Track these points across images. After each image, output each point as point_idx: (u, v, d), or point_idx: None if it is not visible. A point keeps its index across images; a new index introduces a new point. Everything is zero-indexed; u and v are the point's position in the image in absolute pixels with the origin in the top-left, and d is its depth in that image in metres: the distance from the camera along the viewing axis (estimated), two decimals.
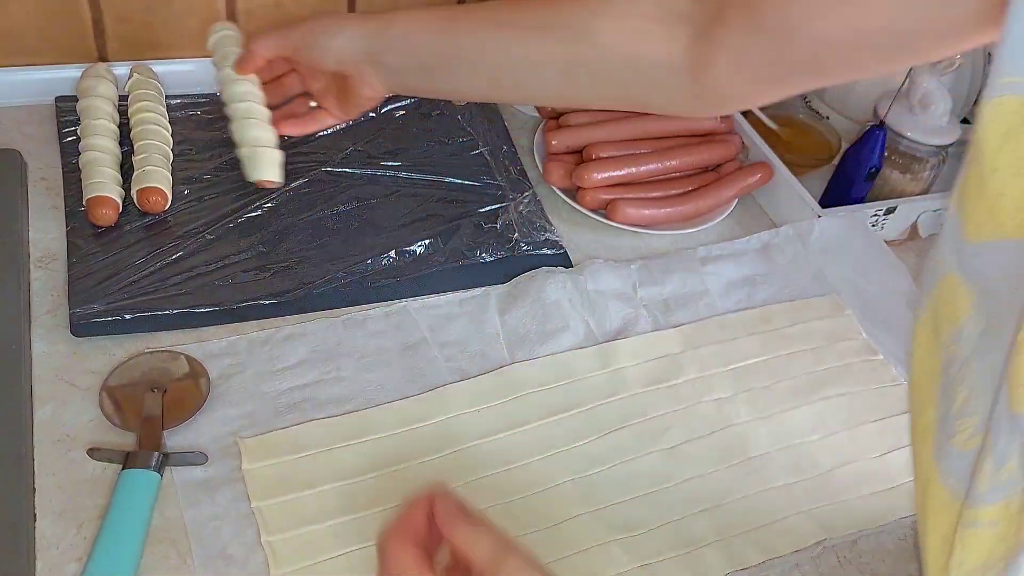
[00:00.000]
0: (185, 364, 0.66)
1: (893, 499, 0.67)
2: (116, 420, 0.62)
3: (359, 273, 0.74)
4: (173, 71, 0.86)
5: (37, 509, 0.58)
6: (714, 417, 0.69)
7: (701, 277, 0.80)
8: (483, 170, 0.86)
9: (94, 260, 0.71)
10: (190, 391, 0.65)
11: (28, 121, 0.82)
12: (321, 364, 0.68)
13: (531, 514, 0.62)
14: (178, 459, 0.61)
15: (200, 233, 0.75)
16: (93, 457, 0.59)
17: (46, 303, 0.69)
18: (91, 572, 0.54)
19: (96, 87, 0.80)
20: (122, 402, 0.63)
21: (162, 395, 0.63)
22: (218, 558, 0.57)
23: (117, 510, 0.57)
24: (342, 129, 0.87)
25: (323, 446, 0.63)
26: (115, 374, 0.64)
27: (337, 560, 0.58)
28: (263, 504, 0.60)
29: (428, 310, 0.74)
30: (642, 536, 0.62)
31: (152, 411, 0.62)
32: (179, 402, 0.64)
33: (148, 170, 0.75)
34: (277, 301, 0.71)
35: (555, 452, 0.66)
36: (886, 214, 0.87)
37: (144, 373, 0.65)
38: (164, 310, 0.68)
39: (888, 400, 0.73)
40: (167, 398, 0.63)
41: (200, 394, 0.64)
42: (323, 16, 0.67)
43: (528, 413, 0.68)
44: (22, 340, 0.65)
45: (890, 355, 0.77)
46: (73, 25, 0.83)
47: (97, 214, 0.72)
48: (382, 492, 0.62)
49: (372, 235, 0.78)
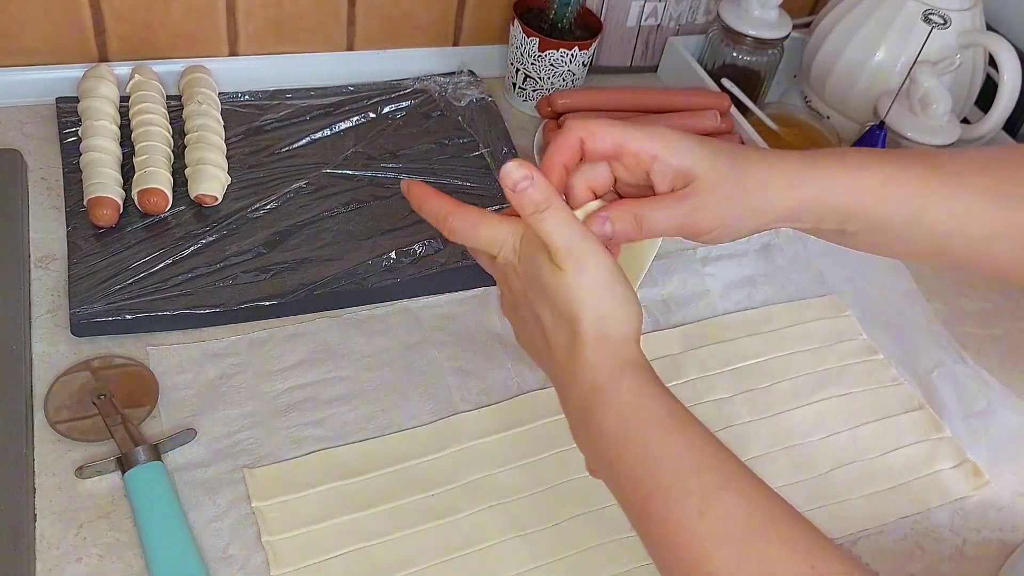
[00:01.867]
0: (111, 362, 0.66)
1: (894, 499, 0.67)
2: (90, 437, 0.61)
3: (359, 274, 0.74)
4: (174, 72, 0.86)
5: (37, 509, 0.58)
6: (714, 417, 0.69)
7: (701, 277, 0.80)
8: (483, 171, 0.86)
9: (94, 260, 0.71)
10: (136, 381, 0.64)
11: (29, 121, 0.82)
12: (322, 364, 0.68)
13: (532, 514, 0.62)
14: (169, 443, 0.61)
15: (201, 234, 0.75)
16: (83, 476, 0.59)
17: (46, 303, 0.69)
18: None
19: (97, 88, 0.80)
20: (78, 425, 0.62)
21: (111, 398, 0.63)
22: (219, 558, 0.57)
23: (145, 512, 0.57)
24: (341, 131, 0.87)
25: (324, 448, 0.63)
26: (51, 410, 0.62)
27: (337, 560, 0.58)
28: (263, 504, 0.60)
29: (428, 310, 0.74)
30: None
31: (112, 413, 0.62)
32: (133, 395, 0.63)
33: (149, 171, 0.75)
34: (278, 302, 0.71)
35: (555, 452, 0.66)
36: None
37: (76, 391, 0.64)
38: (165, 311, 0.68)
39: (888, 400, 0.73)
40: (120, 399, 0.63)
41: (149, 378, 0.65)
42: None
43: (529, 413, 0.68)
44: (22, 340, 0.65)
45: (890, 356, 0.77)
46: (73, 25, 0.83)
47: (98, 215, 0.72)
48: (382, 492, 0.62)
49: (372, 236, 0.78)
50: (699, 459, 0.46)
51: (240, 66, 0.90)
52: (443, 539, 0.60)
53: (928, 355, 0.78)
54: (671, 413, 0.48)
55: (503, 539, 0.61)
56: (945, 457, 0.70)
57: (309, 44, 0.92)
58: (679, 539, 0.44)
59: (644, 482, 0.46)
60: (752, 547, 0.43)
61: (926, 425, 0.72)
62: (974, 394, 0.75)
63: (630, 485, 0.47)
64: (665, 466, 0.46)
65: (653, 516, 0.45)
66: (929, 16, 0.83)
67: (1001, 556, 0.65)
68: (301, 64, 0.92)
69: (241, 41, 0.90)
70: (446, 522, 0.61)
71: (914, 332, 0.79)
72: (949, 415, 0.73)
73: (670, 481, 0.45)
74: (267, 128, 0.85)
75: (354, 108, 0.89)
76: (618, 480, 0.48)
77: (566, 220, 0.49)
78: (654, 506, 0.45)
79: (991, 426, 0.73)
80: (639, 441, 0.47)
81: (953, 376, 0.76)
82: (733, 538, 0.43)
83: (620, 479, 0.47)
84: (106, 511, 0.58)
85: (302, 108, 0.88)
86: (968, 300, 0.84)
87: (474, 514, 0.61)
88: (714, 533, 0.43)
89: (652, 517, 0.45)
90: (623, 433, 0.47)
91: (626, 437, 0.47)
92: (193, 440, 0.62)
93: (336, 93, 0.91)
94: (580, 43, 0.90)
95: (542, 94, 0.93)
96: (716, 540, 0.43)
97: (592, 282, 0.48)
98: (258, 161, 0.82)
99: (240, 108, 0.86)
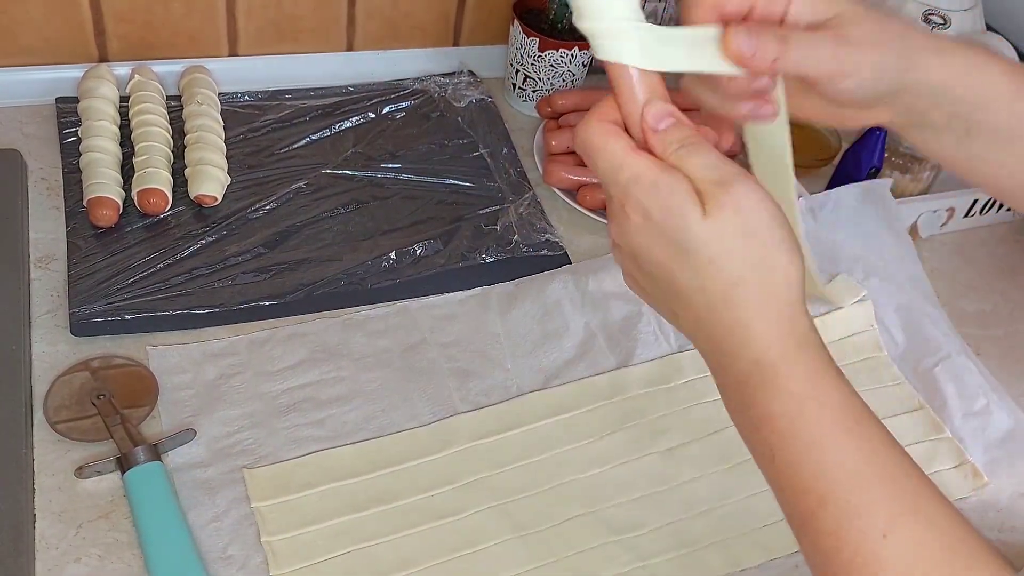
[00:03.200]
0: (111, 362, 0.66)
1: None
2: (89, 437, 0.61)
3: (359, 274, 0.74)
4: (174, 72, 0.86)
5: (37, 510, 0.58)
6: (714, 418, 0.69)
7: None
8: (483, 172, 0.86)
9: (94, 261, 0.71)
10: (135, 381, 0.64)
11: (29, 121, 0.82)
12: (321, 364, 0.68)
13: (531, 514, 0.62)
14: (169, 443, 0.61)
15: (200, 234, 0.75)
16: (83, 476, 0.59)
17: (46, 303, 0.69)
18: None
19: (97, 88, 0.80)
20: (78, 426, 0.62)
21: (110, 398, 0.63)
22: (218, 559, 0.57)
23: (145, 512, 0.57)
24: (341, 131, 0.87)
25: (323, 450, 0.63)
26: (50, 410, 0.62)
27: (336, 560, 0.58)
28: (263, 505, 0.60)
29: (428, 310, 0.74)
30: (642, 537, 0.62)
31: (111, 413, 0.62)
32: (133, 395, 0.63)
33: (149, 171, 0.75)
34: (277, 302, 0.71)
35: (555, 452, 0.66)
36: None
37: (76, 391, 0.64)
38: (164, 311, 0.69)
39: (890, 401, 0.73)
40: (119, 399, 0.63)
41: (148, 378, 0.64)
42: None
43: (528, 414, 0.68)
44: (22, 340, 0.65)
45: (893, 354, 0.77)
46: (73, 25, 0.83)
47: (97, 215, 0.72)
48: (382, 492, 0.62)
49: (372, 236, 0.78)
50: (883, 472, 0.41)
51: (240, 66, 0.90)
52: (442, 540, 0.60)
53: (934, 345, 0.77)
54: (851, 410, 0.42)
55: (502, 540, 0.61)
56: (945, 458, 0.70)
57: (309, 44, 0.92)
58: (855, 559, 0.40)
59: (815, 489, 0.41)
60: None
61: (926, 425, 0.72)
62: (975, 392, 0.75)
63: (796, 488, 0.42)
64: (843, 476, 0.40)
65: (823, 529, 0.41)
66: (929, 16, 0.83)
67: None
68: (301, 64, 0.92)
69: (241, 41, 0.90)
70: (445, 523, 0.61)
71: (922, 318, 0.79)
72: (949, 413, 0.73)
73: (847, 495, 0.40)
74: (267, 128, 0.85)
75: (354, 108, 0.89)
76: (779, 478, 0.42)
77: (714, 155, 0.43)
78: (826, 518, 0.40)
79: (989, 427, 0.73)
80: (813, 442, 0.41)
81: (956, 371, 0.75)
82: (919, 567, 0.39)
83: (783, 478, 0.42)
84: (105, 511, 0.58)
85: (302, 108, 0.88)
86: (968, 301, 0.84)
87: (473, 515, 0.61)
88: (899, 558, 0.39)
89: (822, 530, 0.41)
90: (793, 428, 0.41)
91: (796, 434, 0.41)
92: (192, 440, 0.62)
93: (336, 93, 0.91)
94: (580, 43, 0.90)
95: (542, 94, 0.93)
96: (902, 567, 0.39)
97: (747, 225, 0.41)
98: (258, 161, 0.82)
99: (240, 108, 0.86)
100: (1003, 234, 0.92)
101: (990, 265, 0.88)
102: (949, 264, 0.88)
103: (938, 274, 0.85)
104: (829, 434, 0.41)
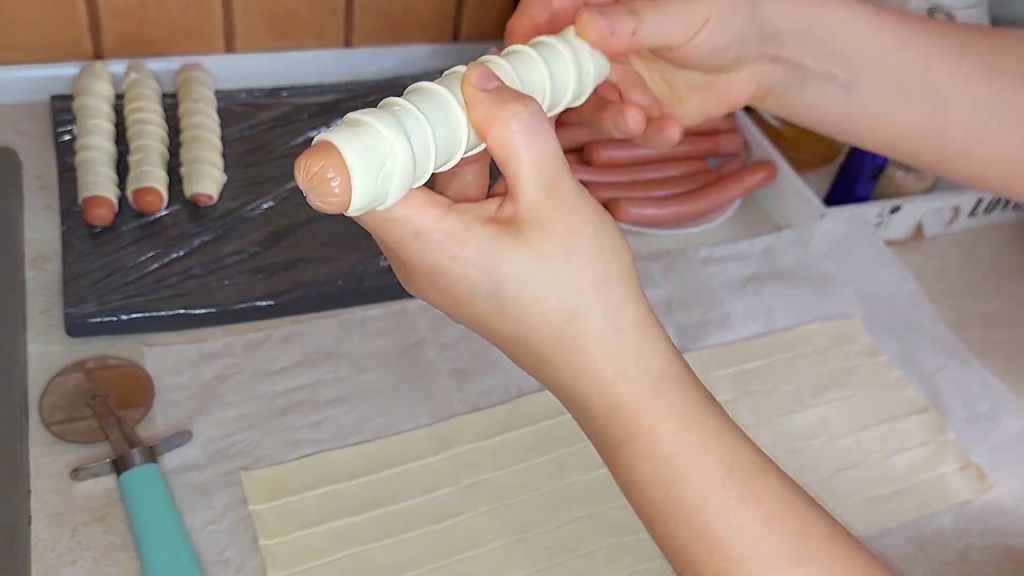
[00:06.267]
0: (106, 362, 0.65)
1: (897, 503, 0.66)
2: (84, 438, 0.61)
3: (357, 274, 0.74)
4: (170, 69, 0.86)
5: (32, 512, 0.57)
6: None
7: (702, 278, 0.80)
8: None
9: (89, 260, 0.70)
10: (131, 382, 0.64)
11: (23, 119, 0.82)
12: (318, 365, 0.68)
13: (531, 517, 0.61)
14: (165, 445, 0.60)
15: (196, 234, 0.74)
16: (78, 478, 0.58)
17: (41, 303, 0.68)
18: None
19: (92, 86, 0.80)
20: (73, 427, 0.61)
21: (106, 399, 0.62)
22: (215, 562, 0.56)
23: (141, 515, 0.56)
24: None
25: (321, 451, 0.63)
26: (45, 412, 0.62)
27: (334, 563, 0.57)
28: (260, 507, 0.59)
29: (427, 310, 0.73)
30: (643, 538, 0.61)
31: (107, 415, 0.61)
32: (128, 396, 0.63)
33: (144, 170, 0.74)
34: (274, 302, 0.71)
35: (555, 454, 0.65)
36: (891, 213, 0.86)
37: (71, 392, 0.63)
38: (160, 311, 0.68)
39: (892, 403, 0.73)
40: (114, 400, 0.62)
41: (144, 379, 0.64)
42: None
43: (528, 415, 0.67)
44: (17, 341, 0.65)
45: (894, 358, 0.76)
46: (68, 21, 0.83)
47: (93, 214, 0.72)
48: (380, 495, 0.61)
49: (369, 236, 0.77)
50: (779, 531, 0.37)
51: (237, 63, 0.89)
52: (441, 543, 0.59)
53: (932, 357, 0.77)
54: (734, 464, 0.38)
55: (501, 543, 0.60)
56: (949, 460, 0.69)
57: (307, 41, 0.92)
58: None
59: (697, 549, 0.38)
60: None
61: (930, 427, 0.71)
62: (978, 396, 0.74)
63: (675, 547, 0.39)
64: (727, 532, 0.37)
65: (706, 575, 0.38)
66: (933, 13, 0.82)
67: (1005, 561, 0.64)
68: (298, 61, 0.91)
69: (238, 38, 0.89)
70: (444, 526, 0.60)
71: (918, 333, 0.79)
72: (953, 418, 0.72)
73: (733, 548, 0.37)
74: (264, 126, 0.85)
75: (352, 105, 0.88)
76: (658, 540, 0.40)
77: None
78: (711, 565, 0.37)
79: (995, 429, 0.72)
80: (694, 512, 0.37)
81: (957, 378, 0.75)
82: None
83: (661, 541, 0.40)
84: (101, 514, 0.58)
85: (299, 106, 0.87)
86: (973, 303, 0.83)
87: (472, 517, 0.61)
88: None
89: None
90: (671, 497, 0.38)
91: (675, 502, 0.38)
92: (189, 442, 0.62)
93: (334, 90, 0.90)
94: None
95: None
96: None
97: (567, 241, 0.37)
98: (255, 159, 0.82)
99: (237, 106, 0.86)
100: (1009, 233, 0.91)
101: (996, 265, 0.88)
102: (955, 264, 0.87)
103: (944, 274, 0.85)
104: (712, 497, 0.37)
